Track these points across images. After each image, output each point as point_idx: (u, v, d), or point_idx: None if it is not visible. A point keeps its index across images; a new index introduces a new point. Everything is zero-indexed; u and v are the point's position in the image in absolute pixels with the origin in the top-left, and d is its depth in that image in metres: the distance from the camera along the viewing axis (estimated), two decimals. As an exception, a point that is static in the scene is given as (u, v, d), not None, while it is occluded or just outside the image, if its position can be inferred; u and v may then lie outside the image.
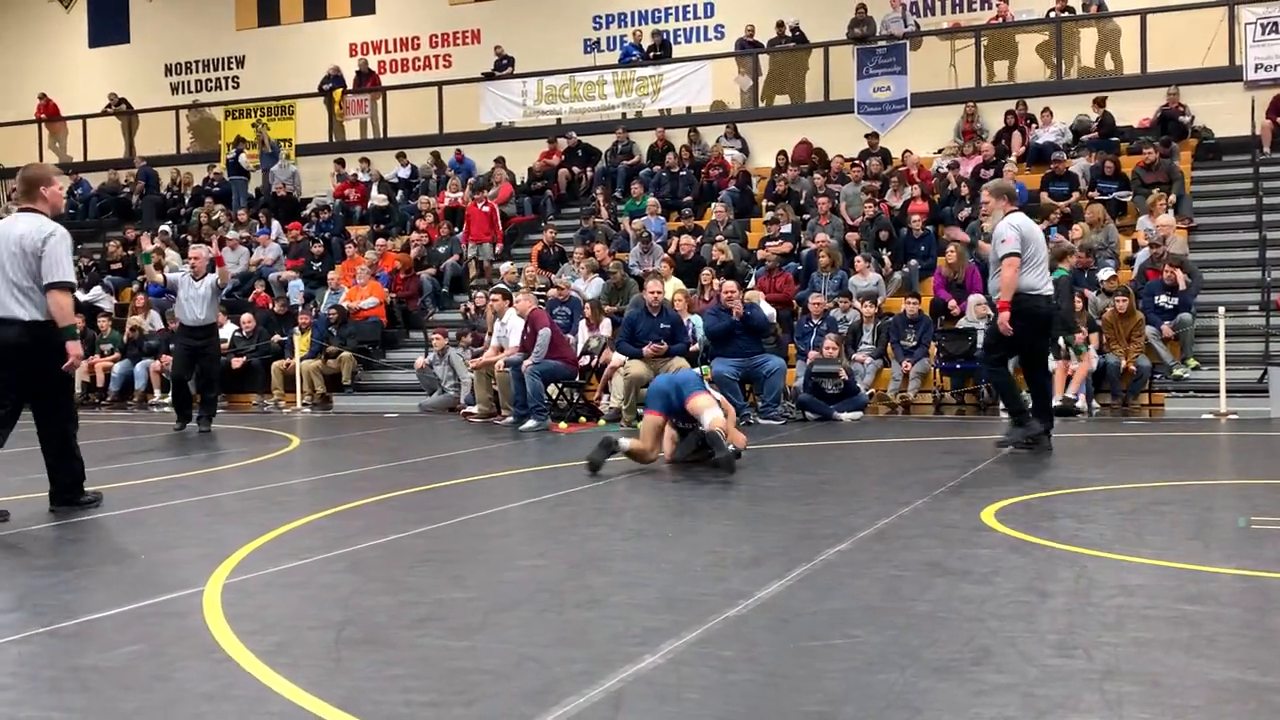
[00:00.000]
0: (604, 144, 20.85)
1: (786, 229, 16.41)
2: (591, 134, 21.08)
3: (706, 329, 12.51)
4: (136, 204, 23.04)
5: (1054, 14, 19.31)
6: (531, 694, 3.24)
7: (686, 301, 13.58)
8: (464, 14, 24.40)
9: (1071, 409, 11.81)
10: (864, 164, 18.01)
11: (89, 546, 5.80)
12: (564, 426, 12.19)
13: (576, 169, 20.61)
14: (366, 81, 23.57)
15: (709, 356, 12.57)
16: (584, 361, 13.29)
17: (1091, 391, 12.54)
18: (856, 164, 18.06)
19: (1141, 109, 17.95)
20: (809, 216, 16.89)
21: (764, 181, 18.88)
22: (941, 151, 18.36)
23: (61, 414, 6.65)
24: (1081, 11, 19.35)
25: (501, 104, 22.16)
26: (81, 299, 17.34)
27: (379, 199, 20.91)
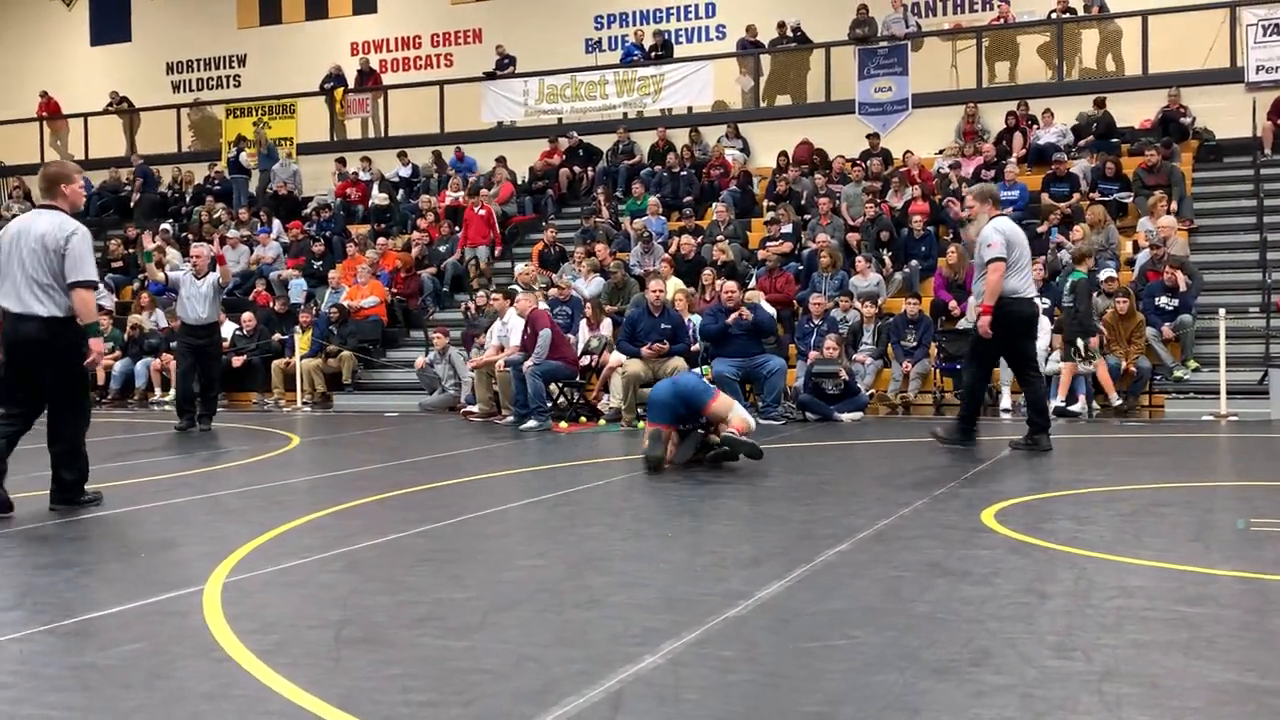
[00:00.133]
0: (605, 144, 20.86)
1: (787, 229, 16.41)
2: (593, 134, 21.09)
3: (701, 330, 12.49)
4: (137, 202, 23.03)
5: (1055, 15, 19.31)
6: (530, 694, 3.25)
7: (687, 301, 13.58)
8: (465, 13, 24.41)
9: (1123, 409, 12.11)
10: (865, 164, 18.02)
11: (89, 545, 5.80)
12: (564, 426, 12.20)
13: (577, 169, 20.62)
14: (368, 80, 23.58)
15: (709, 356, 12.57)
16: (585, 361, 13.29)
17: (1092, 393, 12.54)
18: (857, 164, 18.07)
19: (1143, 110, 17.95)
20: (810, 217, 16.89)
21: (765, 182, 18.88)
22: (942, 152, 18.36)
23: (75, 412, 6.66)
24: (1083, 13, 19.34)
25: (503, 103, 22.17)
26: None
27: (380, 198, 20.92)
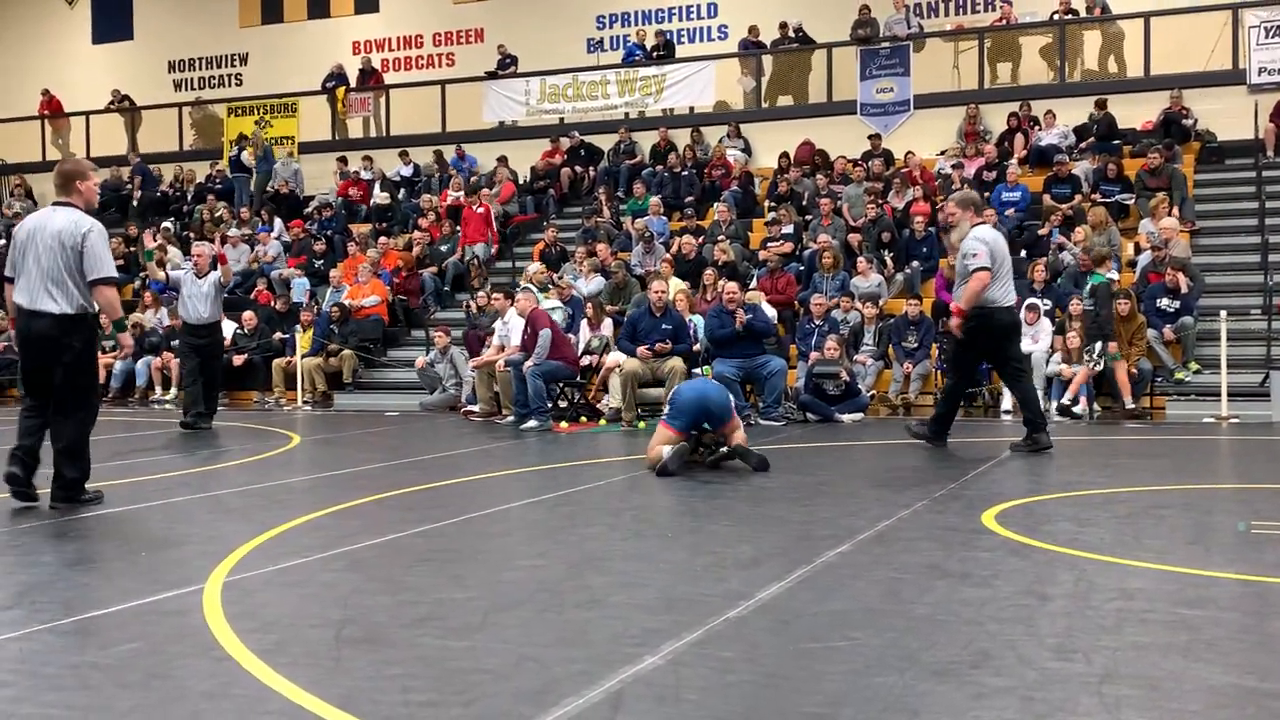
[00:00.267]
0: (607, 143, 20.86)
1: (788, 230, 16.41)
2: (594, 133, 21.09)
3: (709, 333, 12.47)
4: (137, 201, 23.02)
5: (1057, 16, 19.30)
6: (531, 694, 3.25)
7: (689, 302, 13.58)
8: (467, 13, 24.41)
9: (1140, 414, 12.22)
10: (866, 165, 18.02)
11: (89, 544, 5.80)
12: (565, 426, 12.20)
13: (579, 168, 20.62)
14: (369, 80, 23.58)
15: (710, 357, 12.56)
16: (585, 361, 13.29)
17: (1093, 395, 12.54)
18: (859, 165, 18.08)
19: (1144, 112, 17.94)
20: (811, 217, 16.90)
21: (766, 182, 18.88)
22: (944, 153, 18.36)
23: (81, 409, 6.68)
24: (1085, 14, 19.33)
25: (504, 103, 22.17)
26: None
27: (381, 197, 20.92)
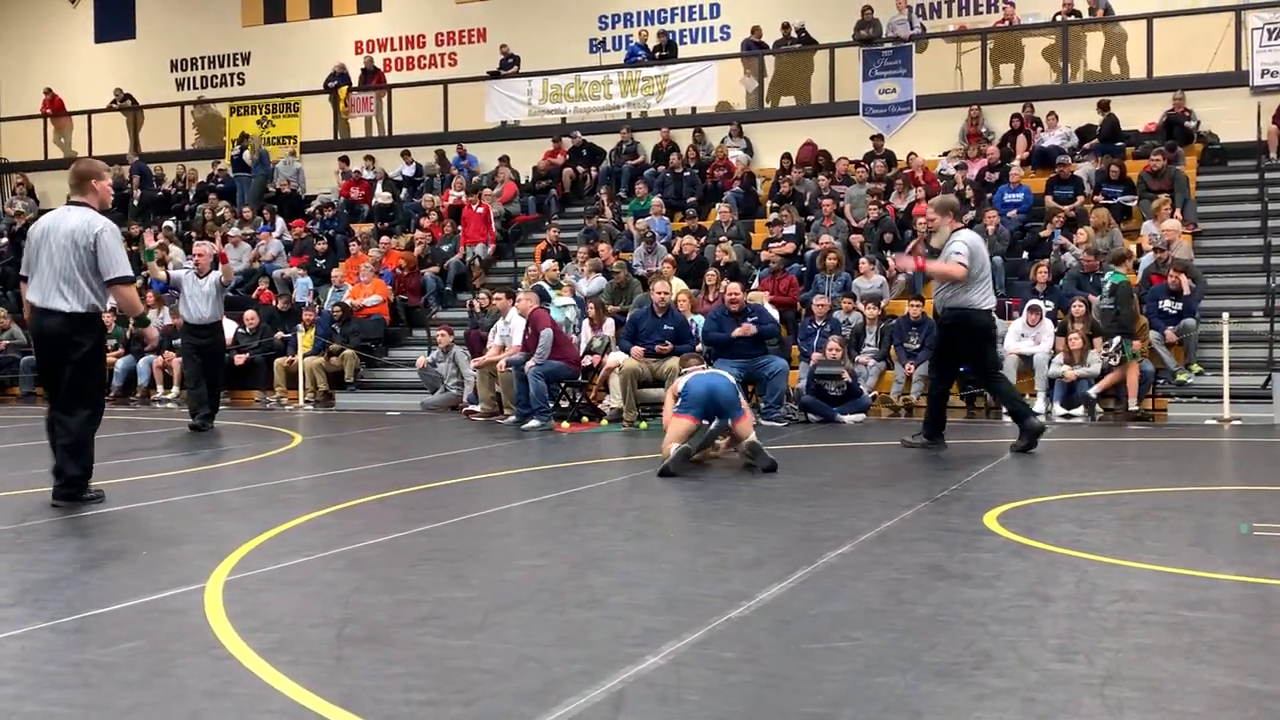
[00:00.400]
0: (609, 144, 20.87)
1: (790, 230, 16.41)
2: (596, 134, 21.09)
3: (705, 335, 12.45)
4: (137, 200, 23.02)
5: (1060, 18, 19.29)
6: (532, 694, 3.24)
7: (691, 302, 13.57)
8: (470, 13, 24.41)
9: (1146, 414, 12.17)
10: (869, 166, 18.01)
11: (91, 542, 5.80)
12: (566, 426, 12.19)
13: (581, 168, 20.62)
14: (372, 79, 23.58)
15: (711, 357, 12.54)
16: (587, 362, 13.28)
17: (1095, 396, 12.52)
18: (861, 166, 18.07)
19: (1147, 113, 17.93)
20: (813, 218, 16.89)
21: (768, 183, 18.87)
22: (947, 154, 18.35)
23: (87, 407, 6.74)
24: (1088, 15, 19.32)
25: (506, 103, 22.17)
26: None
27: (383, 197, 20.93)
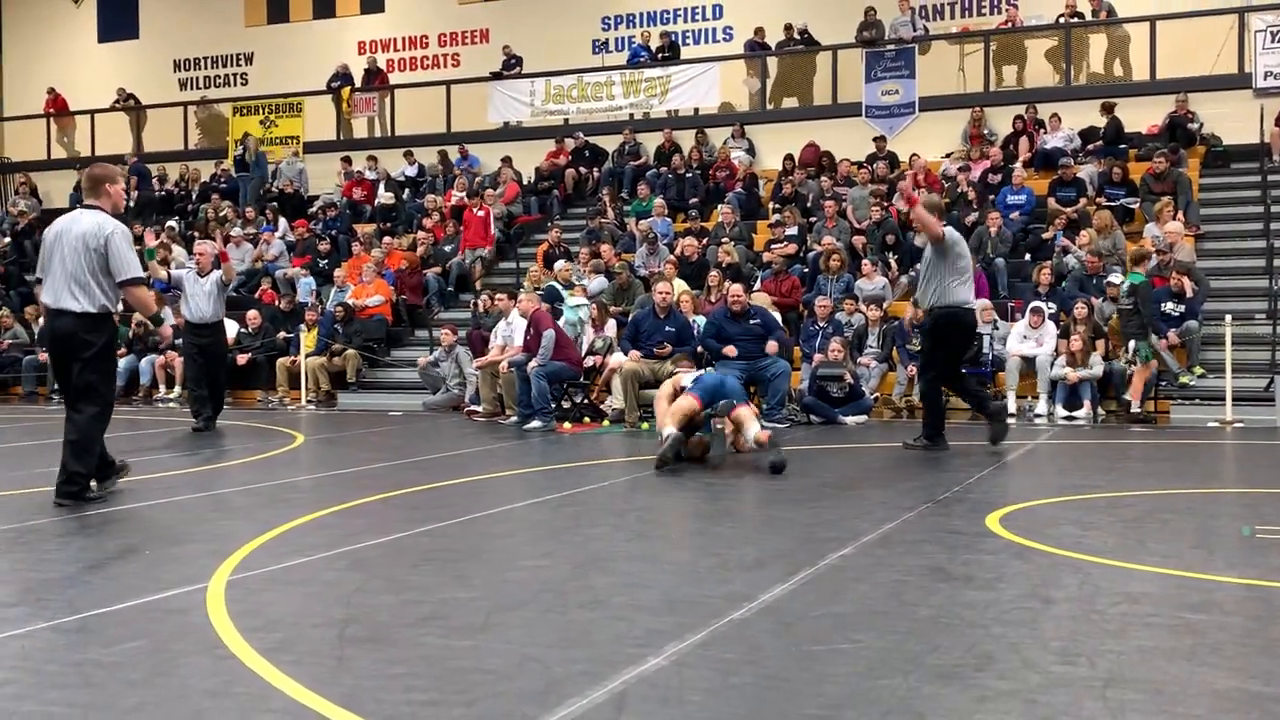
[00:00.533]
0: (611, 144, 20.87)
1: (792, 231, 16.41)
2: (599, 134, 21.10)
3: (703, 338, 12.45)
4: (134, 200, 23.00)
5: (1063, 19, 19.28)
6: (533, 694, 3.24)
7: (693, 304, 13.57)
8: (473, 13, 24.42)
9: (1148, 416, 12.16)
10: (871, 167, 18.01)
11: (93, 541, 5.80)
12: (568, 427, 12.19)
13: (583, 169, 20.62)
14: (375, 80, 23.59)
15: (710, 361, 12.54)
16: (589, 362, 13.28)
17: (1097, 398, 12.52)
18: (864, 167, 18.07)
19: (1150, 115, 17.93)
20: (815, 219, 16.89)
21: (771, 184, 18.86)
22: (950, 156, 18.35)
23: (96, 406, 6.81)
24: (1091, 17, 19.32)
25: (509, 103, 22.17)
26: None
27: (386, 197, 20.94)
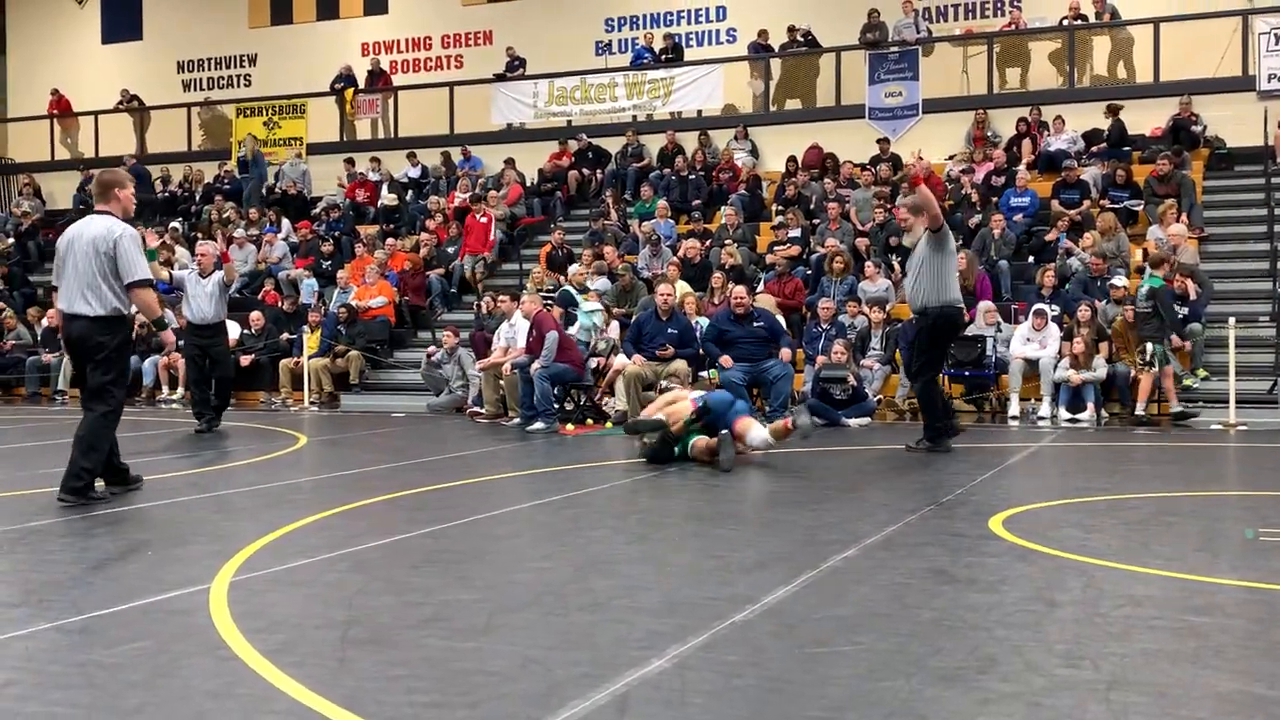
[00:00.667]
0: (614, 146, 20.87)
1: (795, 233, 16.40)
2: (602, 136, 21.10)
3: (705, 345, 12.45)
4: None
5: (1067, 22, 19.27)
6: (536, 696, 3.24)
7: (697, 305, 13.57)
8: (476, 15, 24.43)
9: (1190, 414, 12.12)
10: (874, 169, 18.00)
11: (96, 542, 5.80)
12: (571, 428, 12.19)
13: (586, 171, 20.63)
14: (378, 81, 23.61)
15: (712, 360, 12.54)
16: (592, 364, 13.28)
17: (1100, 401, 12.51)
18: (867, 169, 18.06)
19: (1154, 118, 17.92)
20: (819, 221, 16.89)
21: (774, 186, 18.85)
22: (954, 158, 18.34)
23: (106, 406, 6.92)
24: (1094, 20, 19.31)
25: (512, 105, 22.18)
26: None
27: (389, 198, 20.95)
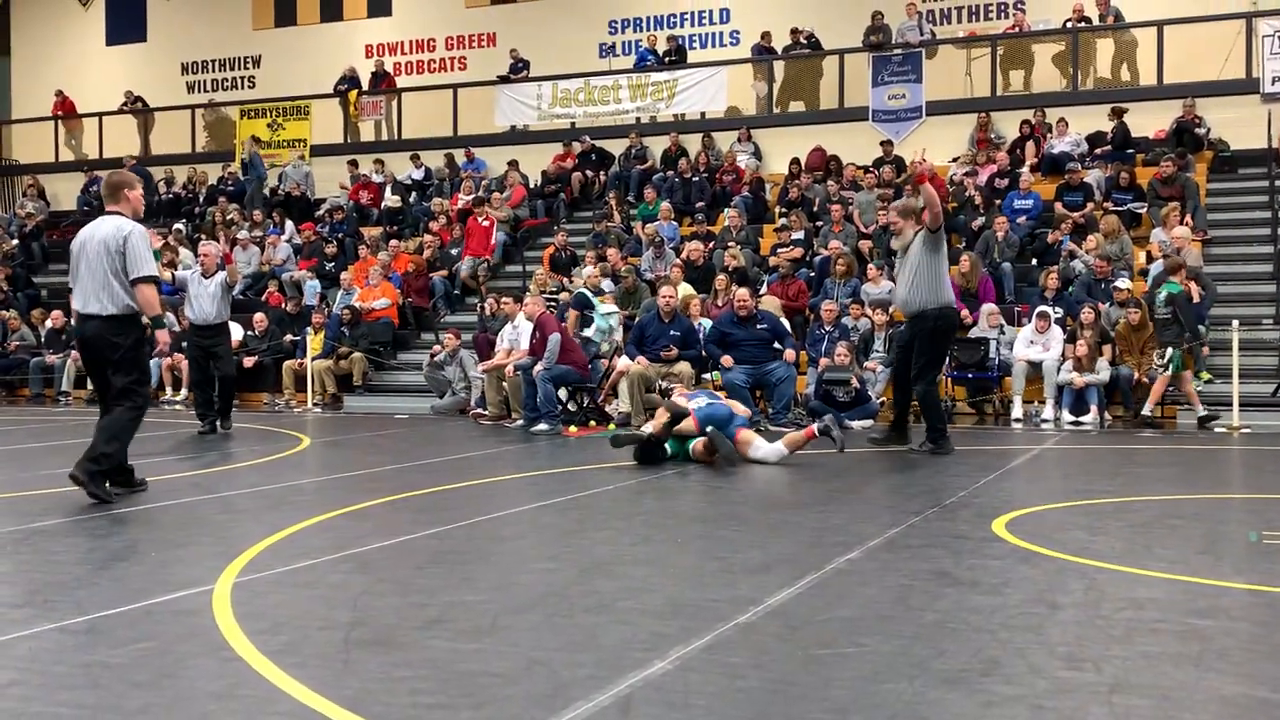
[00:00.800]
0: (618, 148, 20.88)
1: (798, 236, 16.40)
2: (605, 138, 21.12)
3: (708, 342, 12.45)
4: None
5: (1070, 24, 19.27)
6: (540, 698, 3.24)
7: (700, 307, 13.57)
8: (480, 17, 24.45)
9: (1213, 416, 12.01)
10: (878, 172, 18.00)
11: (100, 543, 5.81)
12: (574, 430, 12.19)
13: (590, 173, 20.64)
14: (382, 83, 23.63)
15: (712, 364, 12.55)
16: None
17: (1104, 403, 12.50)
18: (870, 171, 18.06)
19: (1157, 120, 17.91)
20: (822, 223, 16.89)
21: (777, 188, 18.86)
22: (957, 160, 18.33)
23: (129, 401, 7.05)
24: (1098, 22, 19.30)
25: (516, 107, 22.20)
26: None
27: (392, 200, 20.97)
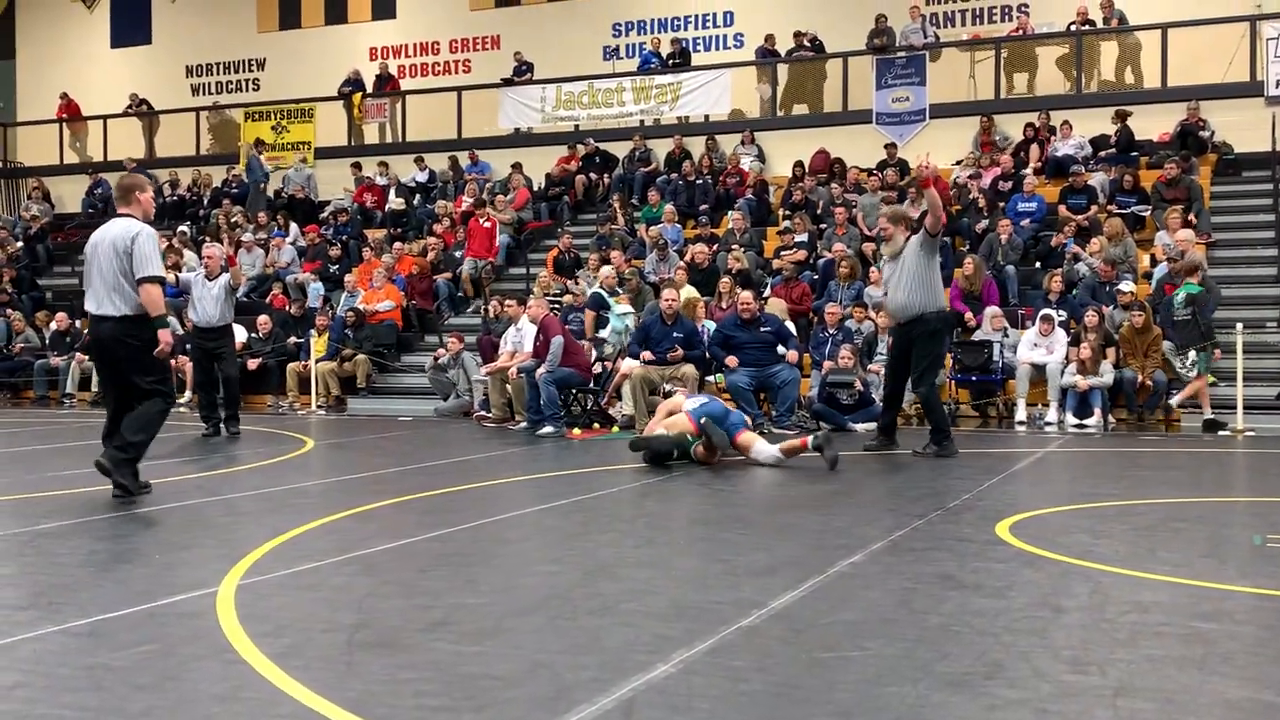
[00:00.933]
0: (621, 151, 20.90)
1: (802, 238, 16.40)
2: (609, 140, 21.13)
3: (711, 344, 12.45)
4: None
5: (1074, 27, 19.26)
6: (543, 700, 3.25)
7: (705, 309, 13.57)
8: (484, 19, 24.48)
9: (1219, 424, 11.99)
10: (881, 174, 17.99)
11: (103, 545, 5.81)
12: (578, 432, 12.19)
13: (594, 175, 20.65)
14: (386, 85, 23.66)
15: (718, 364, 12.55)
16: (598, 369, 13.28)
17: (1108, 406, 12.49)
18: (874, 174, 18.05)
19: (1161, 123, 17.90)
20: (825, 226, 16.88)
21: (781, 190, 18.86)
22: (960, 163, 18.33)
23: (154, 398, 7.13)
24: (1102, 25, 19.29)
25: (520, 109, 22.23)
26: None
27: (396, 203, 20.99)
